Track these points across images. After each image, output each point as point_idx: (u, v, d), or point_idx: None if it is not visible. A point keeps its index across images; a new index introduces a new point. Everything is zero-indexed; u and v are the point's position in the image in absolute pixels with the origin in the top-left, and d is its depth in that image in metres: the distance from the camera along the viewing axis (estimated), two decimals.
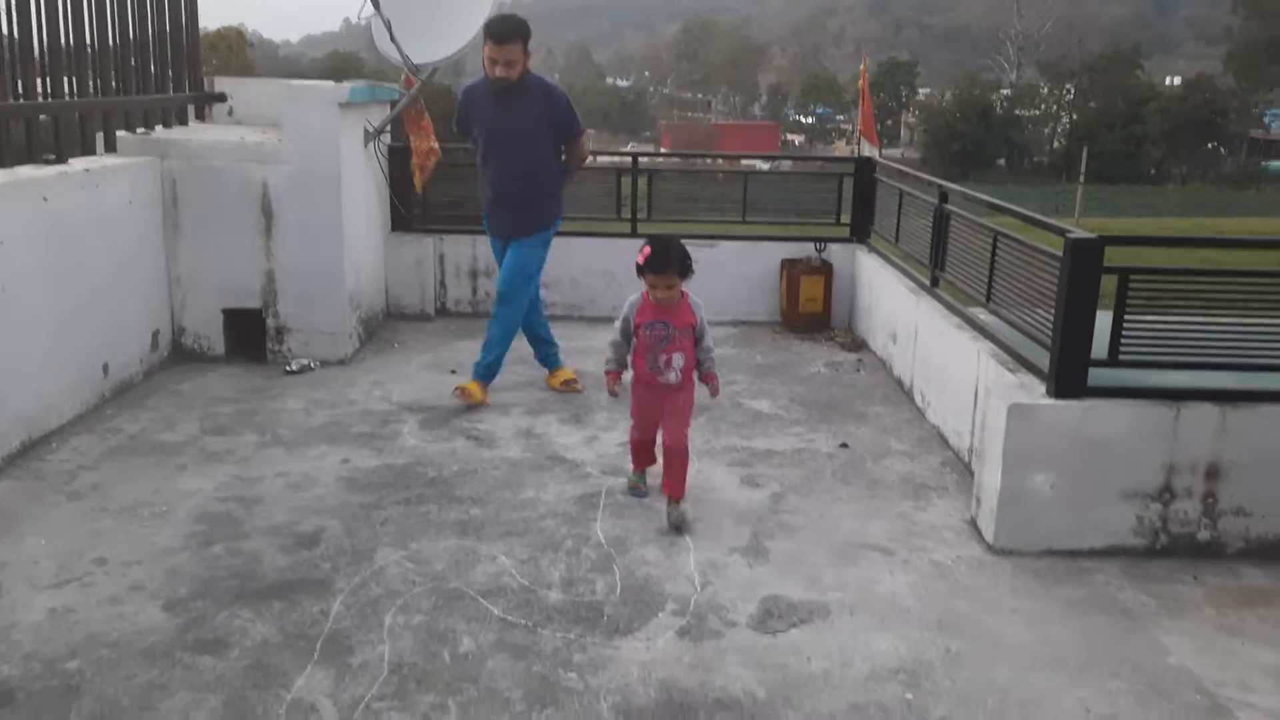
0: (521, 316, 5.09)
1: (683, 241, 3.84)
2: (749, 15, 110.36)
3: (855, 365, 5.91)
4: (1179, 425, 3.61)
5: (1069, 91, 61.02)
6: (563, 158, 5.10)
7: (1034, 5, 78.39)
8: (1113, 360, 3.65)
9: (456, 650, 2.86)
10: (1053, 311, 3.69)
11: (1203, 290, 3.70)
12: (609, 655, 2.87)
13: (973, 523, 3.84)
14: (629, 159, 7.01)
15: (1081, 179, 47.40)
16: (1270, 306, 3.74)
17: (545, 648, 2.89)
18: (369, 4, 5.35)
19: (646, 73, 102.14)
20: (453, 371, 5.38)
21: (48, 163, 4.42)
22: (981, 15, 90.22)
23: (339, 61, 59.21)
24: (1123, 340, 3.64)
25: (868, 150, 6.99)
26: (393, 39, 5.49)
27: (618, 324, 3.88)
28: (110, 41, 5.13)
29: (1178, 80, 61.78)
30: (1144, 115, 52.68)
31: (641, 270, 3.75)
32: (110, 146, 5.08)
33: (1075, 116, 59.59)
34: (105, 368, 4.73)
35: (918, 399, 5.20)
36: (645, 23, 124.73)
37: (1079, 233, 3.60)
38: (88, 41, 4.93)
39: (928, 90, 71.41)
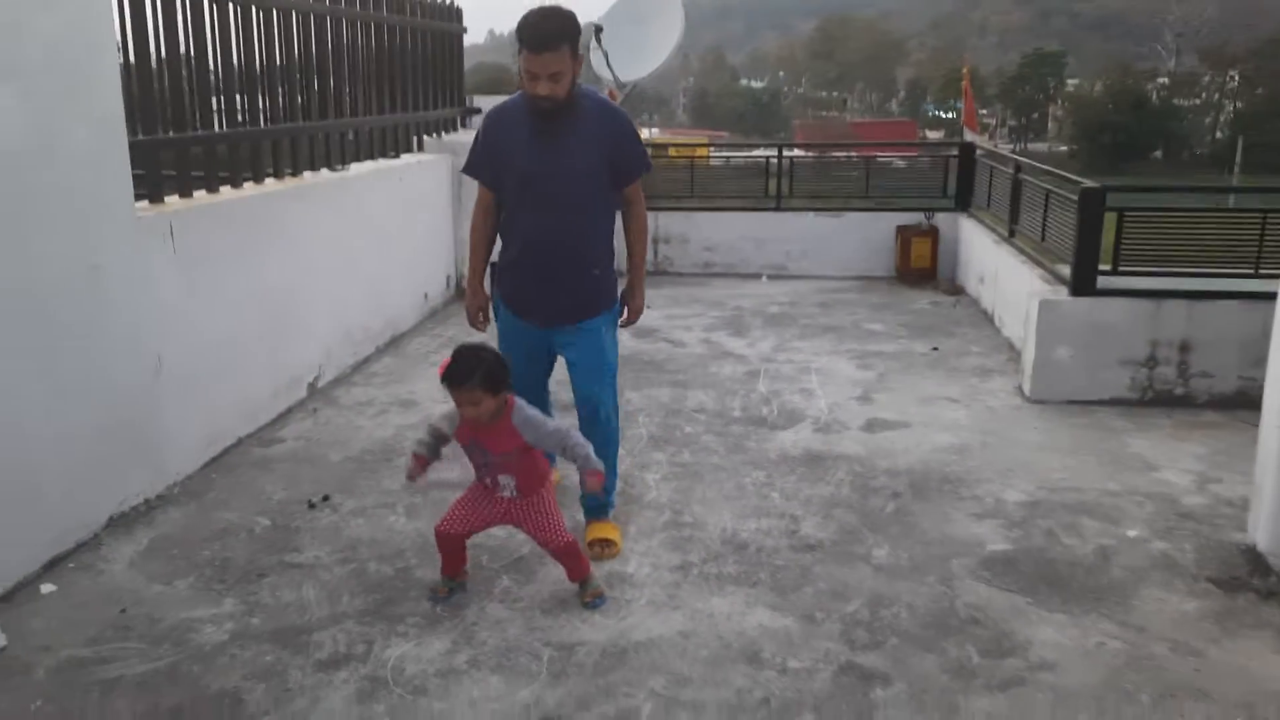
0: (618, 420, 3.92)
1: (498, 352, 3.09)
2: (888, 9, 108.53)
3: (953, 304, 7.67)
4: (1159, 314, 5.26)
5: (1233, 79, 58.56)
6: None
7: None
8: (1114, 270, 5.36)
9: (682, 431, 4.88)
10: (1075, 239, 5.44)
11: (1176, 222, 5.43)
12: (772, 436, 4.83)
13: (1019, 388, 5.59)
14: (774, 150, 8.92)
15: (1236, 170, 45.69)
16: (1221, 234, 5.44)
17: (734, 432, 4.87)
18: (594, 38, 7.45)
19: (781, 73, 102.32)
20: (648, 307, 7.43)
21: (392, 156, 6.69)
22: (1136, 1, 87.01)
23: (490, 73, 62.84)
24: (1120, 257, 5.37)
25: (970, 137, 8.71)
26: (608, 64, 7.59)
27: (425, 429, 3.23)
28: (421, 73, 7.39)
29: None
30: None
31: (443, 382, 3.03)
32: (420, 146, 7.34)
33: (1239, 105, 57.24)
34: (425, 295, 6.97)
35: (996, 321, 6.94)
36: (781, 22, 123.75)
37: (1088, 182, 5.35)
38: (409, 73, 7.21)
39: (1077, 81, 69.68)
